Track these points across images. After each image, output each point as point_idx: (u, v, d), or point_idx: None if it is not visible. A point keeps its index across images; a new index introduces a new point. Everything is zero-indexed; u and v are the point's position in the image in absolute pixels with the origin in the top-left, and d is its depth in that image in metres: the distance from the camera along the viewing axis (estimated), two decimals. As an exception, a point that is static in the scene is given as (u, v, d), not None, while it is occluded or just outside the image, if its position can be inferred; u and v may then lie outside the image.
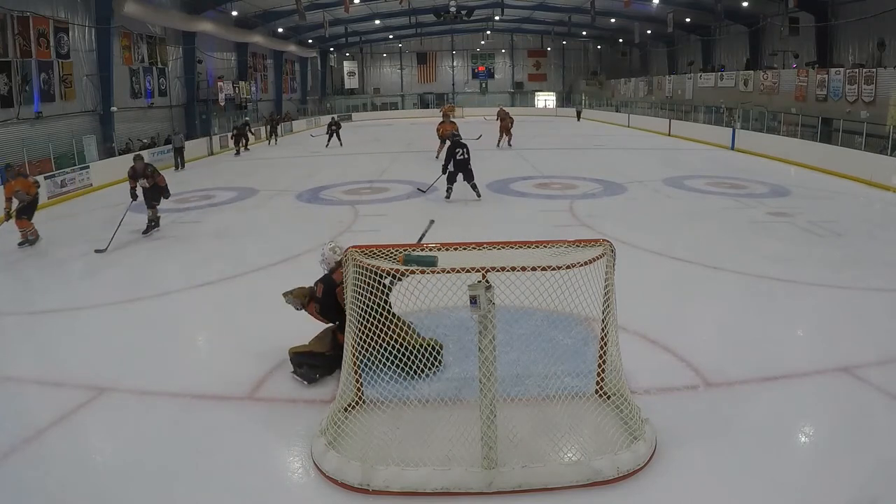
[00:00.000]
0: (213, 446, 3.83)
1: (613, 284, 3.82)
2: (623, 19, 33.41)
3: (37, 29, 15.63)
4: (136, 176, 9.43)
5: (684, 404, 4.19)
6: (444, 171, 11.45)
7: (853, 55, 21.00)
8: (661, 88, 32.50)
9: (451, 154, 11.38)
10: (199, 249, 8.94)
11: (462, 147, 11.39)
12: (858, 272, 6.89)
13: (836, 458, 3.57)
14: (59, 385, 4.66)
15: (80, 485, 3.50)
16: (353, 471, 3.37)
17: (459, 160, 11.31)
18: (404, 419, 3.68)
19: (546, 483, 3.29)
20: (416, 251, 3.58)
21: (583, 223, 9.50)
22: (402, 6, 31.14)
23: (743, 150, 19.01)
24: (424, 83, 47.00)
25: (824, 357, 4.81)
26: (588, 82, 44.57)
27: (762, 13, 24.95)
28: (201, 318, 6.19)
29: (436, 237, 4.75)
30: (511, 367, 4.36)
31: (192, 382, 4.66)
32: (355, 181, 14.31)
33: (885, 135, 13.87)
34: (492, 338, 3.30)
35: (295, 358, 4.68)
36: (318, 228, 9.62)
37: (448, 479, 3.31)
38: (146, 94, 21.78)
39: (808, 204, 10.85)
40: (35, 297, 6.95)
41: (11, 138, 14.34)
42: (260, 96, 33.04)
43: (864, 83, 17.18)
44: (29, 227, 9.13)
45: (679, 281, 6.77)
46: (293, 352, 4.71)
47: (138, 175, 9.41)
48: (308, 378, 4.57)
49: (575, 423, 3.68)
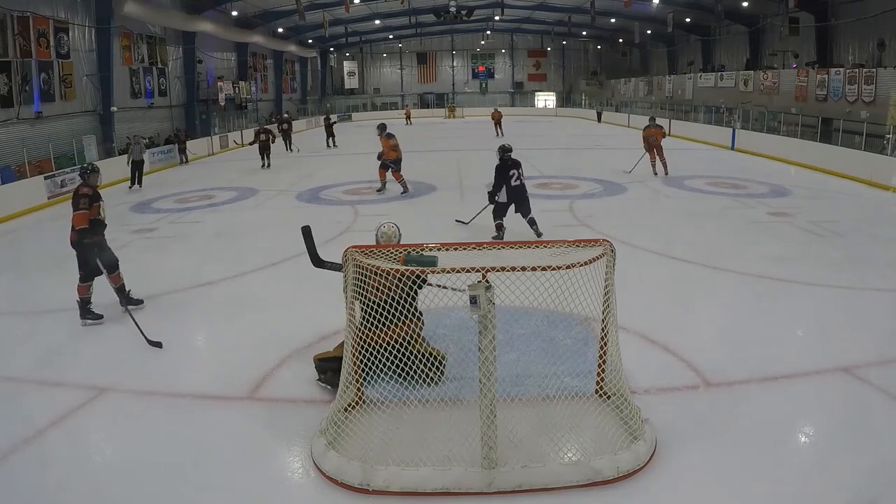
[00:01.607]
0: (213, 446, 3.83)
1: (613, 284, 3.82)
2: (623, 19, 33.42)
3: (37, 29, 15.63)
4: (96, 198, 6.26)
5: (684, 404, 4.19)
6: (492, 199, 8.44)
7: (853, 55, 20.99)
8: (661, 88, 32.51)
9: (502, 178, 8.30)
10: (199, 249, 8.94)
11: (516, 167, 8.32)
12: (858, 272, 6.89)
13: (835, 458, 3.57)
14: (59, 385, 4.66)
15: (80, 485, 3.50)
16: (353, 471, 3.37)
17: (514, 187, 8.29)
18: (404, 419, 3.68)
19: (546, 483, 3.29)
20: (416, 251, 3.58)
21: (583, 223, 9.50)
22: (402, 6, 31.14)
23: (743, 150, 19.02)
24: (424, 83, 47.02)
25: (824, 357, 4.81)
26: (588, 82, 44.59)
27: (762, 13, 24.96)
28: (201, 318, 6.19)
29: (436, 237, 4.75)
30: (511, 367, 4.36)
31: (192, 382, 4.66)
32: (355, 181, 14.31)
33: (885, 135, 13.89)
34: (492, 338, 3.30)
35: (320, 365, 4.53)
36: (318, 228, 9.59)
37: (448, 479, 3.31)
38: (146, 94, 21.78)
39: (808, 204, 10.85)
40: (35, 297, 6.95)
41: (11, 138, 14.34)
42: (260, 96, 33.06)
43: (864, 83, 17.18)
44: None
45: (679, 281, 6.77)
46: (318, 358, 4.58)
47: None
48: (333, 383, 4.35)
49: (575, 423, 3.68)
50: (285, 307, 6.24)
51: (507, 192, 8.26)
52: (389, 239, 4.74)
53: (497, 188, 8.29)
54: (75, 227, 6.05)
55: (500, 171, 8.30)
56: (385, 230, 4.78)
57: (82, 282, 6.09)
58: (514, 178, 8.24)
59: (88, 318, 6.01)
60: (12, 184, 12.64)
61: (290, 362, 4.95)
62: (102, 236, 6.30)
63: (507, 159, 8.31)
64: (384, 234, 4.76)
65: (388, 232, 4.78)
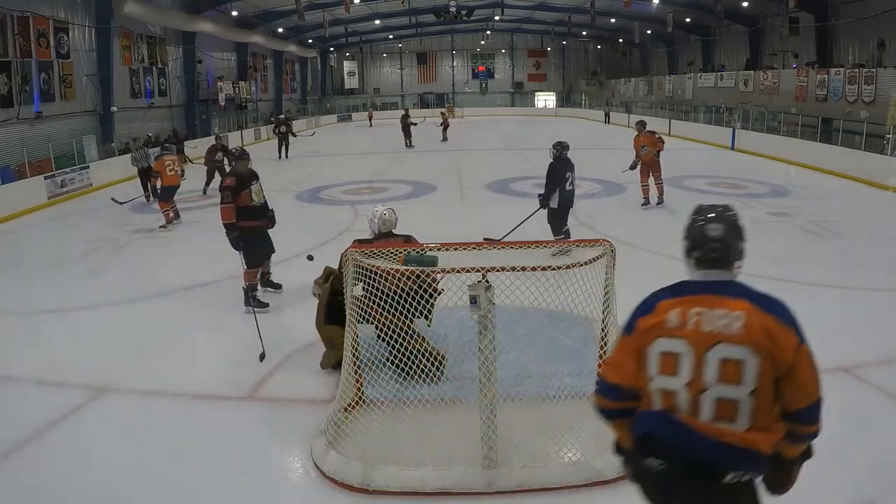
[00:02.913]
0: (213, 446, 3.83)
1: (613, 284, 3.81)
2: (623, 19, 33.41)
3: (37, 29, 15.63)
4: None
5: (684, 404, 4.18)
6: (544, 205, 7.27)
7: (853, 55, 20.99)
8: (661, 88, 32.50)
9: (557, 179, 7.08)
10: (199, 249, 8.94)
11: (571, 169, 7.22)
12: (858, 272, 6.89)
13: (835, 458, 3.56)
14: (59, 385, 4.66)
15: (80, 485, 3.50)
16: (353, 471, 3.37)
17: (569, 192, 7.21)
18: (404, 419, 3.68)
19: (546, 483, 3.29)
20: (416, 251, 3.58)
21: (583, 223, 9.50)
22: (402, 6, 31.13)
23: (743, 150, 19.01)
24: (424, 83, 47.01)
25: (824, 357, 4.72)
26: (588, 82, 44.58)
27: (762, 13, 24.95)
28: (202, 318, 6.18)
29: (436, 237, 4.74)
30: (511, 367, 4.36)
31: (192, 382, 4.66)
32: (355, 181, 14.31)
33: (885, 135, 13.88)
34: (492, 338, 3.30)
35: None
36: (318, 228, 9.61)
37: (448, 479, 3.31)
38: (146, 94, 21.77)
39: (808, 204, 10.85)
40: (35, 297, 6.95)
41: (11, 138, 14.33)
42: (260, 96, 33.05)
43: (864, 83, 17.17)
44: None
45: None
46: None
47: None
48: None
49: (575, 423, 3.68)
50: (286, 307, 6.24)
51: (561, 197, 7.11)
52: (388, 225, 4.73)
53: (550, 191, 7.12)
54: (222, 222, 5.91)
55: (555, 171, 7.13)
56: (386, 217, 4.74)
57: (249, 268, 6.06)
58: (568, 181, 7.08)
59: (254, 306, 5.87)
60: (12, 184, 12.62)
61: (290, 362, 4.95)
62: (260, 220, 6.11)
63: (563, 161, 7.20)
64: (383, 221, 4.73)
65: (388, 218, 4.75)
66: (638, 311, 1.99)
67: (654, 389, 1.89)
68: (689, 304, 1.87)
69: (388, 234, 4.72)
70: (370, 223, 4.78)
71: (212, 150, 13.10)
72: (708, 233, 1.95)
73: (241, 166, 6.10)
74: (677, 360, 1.84)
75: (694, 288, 1.93)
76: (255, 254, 6.05)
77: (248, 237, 5.94)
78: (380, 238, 4.67)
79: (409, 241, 4.61)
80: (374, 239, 4.69)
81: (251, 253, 6.01)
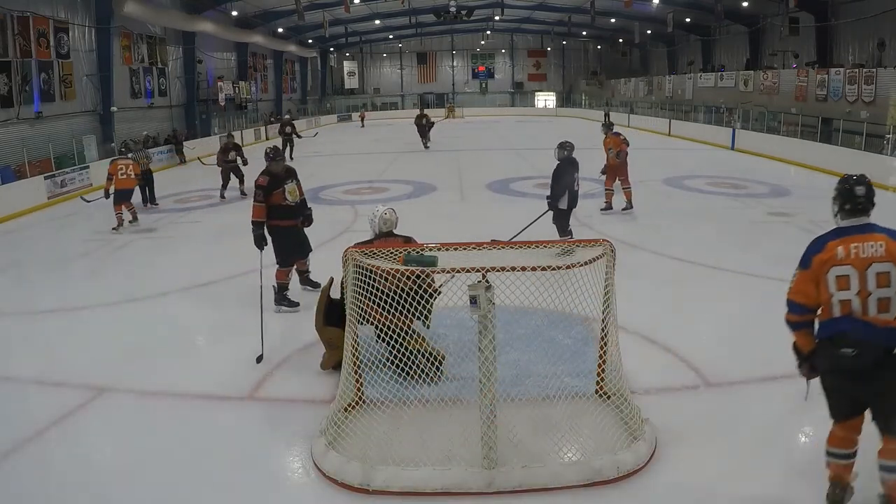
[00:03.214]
0: (213, 446, 3.83)
1: (613, 284, 3.82)
2: (623, 19, 33.40)
3: (37, 29, 15.62)
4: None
5: (684, 404, 4.19)
6: (553, 206, 7.31)
7: (853, 55, 20.99)
8: (661, 88, 32.48)
9: (565, 180, 7.16)
10: (199, 249, 8.95)
11: (577, 169, 7.32)
12: (858, 272, 6.88)
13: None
14: (59, 385, 4.66)
15: (80, 485, 3.50)
16: (354, 471, 3.37)
17: (576, 192, 7.30)
18: (404, 419, 3.68)
19: (546, 483, 3.29)
20: (416, 251, 3.58)
21: (583, 223, 9.49)
22: (402, 6, 31.14)
23: (743, 150, 19.00)
24: (424, 83, 47.01)
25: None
26: (588, 82, 44.57)
27: (762, 13, 24.95)
28: (201, 318, 6.18)
29: (436, 237, 4.75)
30: (511, 367, 4.36)
31: (192, 382, 4.66)
32: (355, 181, 14.31)
33: (885, 135, 13.88)
34: (492, 338, 3.30)
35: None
36: (318, 228, 9.59)
37: (448, 479, 3.31)
38: (146, 94, 21.77)
39: (808, 204, 10.83)
40: (35, 297, 6.95)
41: (11, 138, 14.32)
42: (260, 96, 33.05)
43: (864, 83, 17.17)
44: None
45: (679, 281, 6.76)
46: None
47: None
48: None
49: (575, 423, 3.68)
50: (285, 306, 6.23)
51: (570, 198, 7.15)
52: (389, 225, 4.74)
53: (559, 192, 7.14)
54: (252, 219, 5.89)
55: (562, 172, 7.18)
56: (386, 216, 4.75)
57: (281, 266, 6.07)
58: (576, 182, 7.16)
59: (284, 305, 5.90)
60: (12, 184, 12.63)
61: (290, 362, 4.95)
62: (292, 219, 6.09)
63: (570, 161, 7.25)
64: (384, 220, 4.74)
65: (389, 218, 4.76)
66: (811, 250, 2.94)
67: (835, 302, 2.80)
68: (849, 241, 2.81)
69: (389, 234, 4.73)
70: (371, 223, 4.79)
71: (224, 149, 12.87)
72: (856, 191, 2.98)
73: (275, 166, 6.06)
74: (848, 279, 2.77)
75: (850, 230, 2.87)
76: (285, 252, 6.06)
77: (280, 236, 5.96)
78: (380, 238, 4.68)
79: (408, 241, 4.62)
80: (375, 239, 4.70)
81: (281, 252, 6.04)
